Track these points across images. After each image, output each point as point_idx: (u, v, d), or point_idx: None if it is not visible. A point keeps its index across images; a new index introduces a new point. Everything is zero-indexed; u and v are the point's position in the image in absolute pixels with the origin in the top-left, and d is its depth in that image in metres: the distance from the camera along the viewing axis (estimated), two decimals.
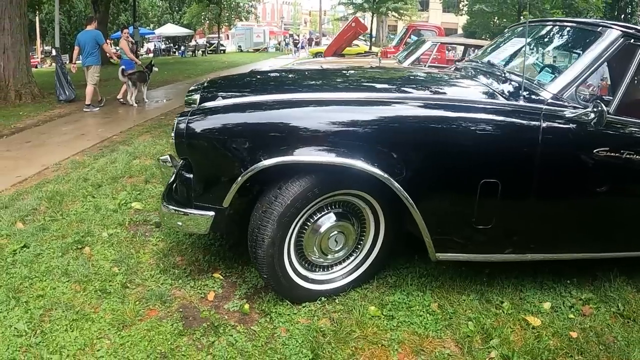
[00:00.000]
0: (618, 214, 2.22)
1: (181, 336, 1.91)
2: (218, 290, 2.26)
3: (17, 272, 2.45)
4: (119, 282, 2.34)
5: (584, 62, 2.14)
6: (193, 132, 1.85)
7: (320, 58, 10.57)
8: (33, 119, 7.35)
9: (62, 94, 8.93)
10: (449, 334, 2.00)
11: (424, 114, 1.96)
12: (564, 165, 2.06)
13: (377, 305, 2.12)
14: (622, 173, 2.11)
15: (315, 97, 1.99)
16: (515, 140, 2.00)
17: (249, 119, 1.89)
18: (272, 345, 1.85)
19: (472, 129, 1.97)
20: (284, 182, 1.81)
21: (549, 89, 2.10)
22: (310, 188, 1.81)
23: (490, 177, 1.94)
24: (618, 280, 2.40)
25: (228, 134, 1.86)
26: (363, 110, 1.92)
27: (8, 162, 4.79)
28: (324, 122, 1.84)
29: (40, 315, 2.08)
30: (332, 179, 1.87)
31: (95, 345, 1.87)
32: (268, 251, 1.87)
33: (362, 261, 2.18)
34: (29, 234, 2.92)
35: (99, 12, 16.82)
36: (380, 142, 1.87)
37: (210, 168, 1.91)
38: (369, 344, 1.89)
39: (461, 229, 2.04)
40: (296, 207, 1.82)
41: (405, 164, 1.88)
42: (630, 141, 2.09)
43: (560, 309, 2.22)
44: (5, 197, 3.66)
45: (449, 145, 1.95)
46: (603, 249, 2.28)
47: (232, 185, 1.80)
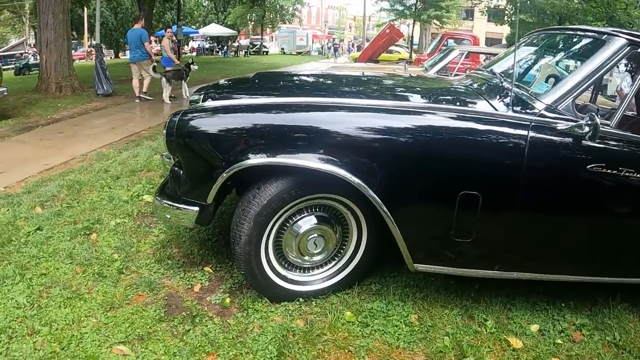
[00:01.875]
0: (614, 237, 2.16)
1: (160, 322, 2.09)
2: (205, 283, 2.44)
3: (27, 251, 2.73)
4: (116, 267, 2.56)
5: (583, 72, 2.08)
6: (181, 131, 2.03)
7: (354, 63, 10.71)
8: (69, 111, 7.90)
9: (100, 88, 9.54)
10: (422, 347, 2.03)
11: (401, 122, 1.99)
12: (553, 180, 2.01)
13: (354, 311, 2.20)
14: (620, 193, 2.04)
15: (297, 102, 2.09)
16: (499, 151, 1.97)
17: (232, 121, 2.03)
18: (243, 339, 1.99)
19: (452, 138, 1.97)
20: (262, 183, 1.95)
21: (542, 100, 2.07)
22: (287, 190, 1.94)
23: (470, 189, 1.95)
24: (619, 308, 2.34)
25: (212, 135, 2.02)
26: (341, 115, 2.00)
27: (39, 151, 5.22)
28: (302, 126, 1.96)
29: (40, 291, 2.32)
30: (310, 183, 1.97)
31: (82, 322, 2.08)
32: (245, 248, 2.02)
33: (344, 266, 2.27)
34: (44, 218, 3.22)
35: (143, 11, 17.73)
36: (356, 148, 1.93)
37: (196, 166, 2.09)
38: (337, 348, 1.96)
39: (439, 241, 2.06)
40: (272, 207, 1.96)
41: (381, 172, 1.92)
42: (631, 159, 2.02)
43: (548, 332, 2.19)
44: (30, 183, 4.02)
45: (427, 153, 1.97)
46: (596, 273, 2.22)
47: (215, 183, 1.97)
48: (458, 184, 1.96)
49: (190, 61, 9.74)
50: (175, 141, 2.04)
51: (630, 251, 2.19)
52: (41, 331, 2.01)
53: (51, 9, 8.61)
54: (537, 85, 2.42)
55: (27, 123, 6.76)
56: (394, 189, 1.96)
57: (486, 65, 3.14)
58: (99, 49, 9.76)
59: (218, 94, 2.36)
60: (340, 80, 3.07)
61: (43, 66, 9.22)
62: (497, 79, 2.52)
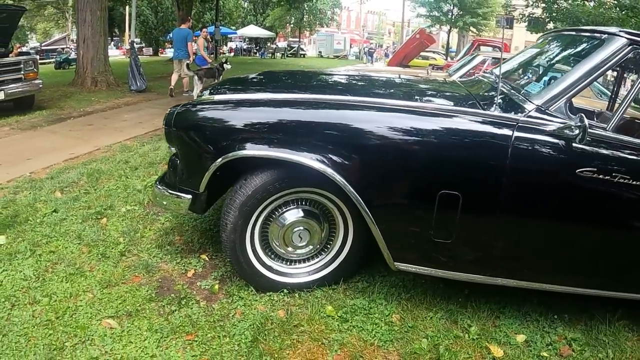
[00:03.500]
0: (606, 248, 2.10)
1: (150, 301, 2.25)
2: (199, 269, 2.59)
3: (41, 230, 2.97)
4: (119, 250, 2.75)
5: (578, 73, 2.04)
6: (178, 122, 2.19)
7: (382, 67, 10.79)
8: (102, 105, 8.35)
9: (134, 84, 10.03)
10: (397, 347, 2.05)
11: (381, 119, 2.01)
12: (539, 182, 1.98)
13: (336, 306, 2.27)
14: (613, 200, 1.99)
15: (283, 98, 2.18)
16: (480, 152, 1.96)
17: (221, 114, 2.17)
18: (223, 323, 2.11)
19: (432, 137, 1.98)
20: (249, 174, 2.08)
21: (533, 101, 2.05)
22: (271, 182, 2.06)
23: (450, 189, 1.96)
24: (617, 325, 2.28)
25: (204, 127, 2.16)
26: (323, 112, 2.09)
27: (67, 141, 5.58)
28: (285, 121, 2.06)
29: (46, 266, 2.54)
30: (293, 176, 2.08)
31: (79, 296, 2.27)
32: (230, 236, 2.15)
33: (330, 262, 2.36)
34: (62, 202, 3.48)
35: (181, 10, 18.36)
36: (336, 144, 1.98)
37: (190, 156, 2.24)
38: (311, 339, 2.03)
39: (419, 241, 2.08)
40: (257, 198, 2.08)
41: (361, 168, 1.98)
42: (628, 165, 1.96)
43: (535, 344, 2.15)
44: (54, 170, 4.33)
45: (406, 152, 1.99)
46: (586, 284, 2.16)
47: (205, 174, 2.11)
48: (437, 183, 1.98)
49: (224, 60, 10.12)
50: (171, 132, 2.21)
51: (623, 264, 2.13)
52: (41, 301, 2.22)
53: (89, 6, 9.16)
54: (530, 86, 2.38)
55: (60, 115, 7.20)
56: (373, 186, 2.02)
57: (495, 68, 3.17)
58: (133, 47, 10.25)
59: (221, 90, 2.52)
60: (333, 79, 3.15)
61: (80, 61, 9.79)
62: (502, 81, 2.49)
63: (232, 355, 1.90)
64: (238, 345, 1.96)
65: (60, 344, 1.93)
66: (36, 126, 6.32)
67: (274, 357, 1.90)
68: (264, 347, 1.95)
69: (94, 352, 1.90)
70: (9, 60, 6.65)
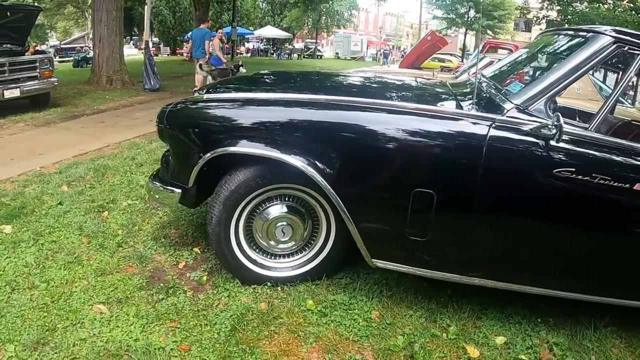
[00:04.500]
0: (584, 249, 2.09)
1: (140, 290, 2.39)
2: (190, 261, 2.72)
3: (46, 221, 3.15)
4: (116, 241, 2.91)
5: (559, 72, 2.03)
6: (170, 120, 2.33)
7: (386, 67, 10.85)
8: (115, 103, 8.61)
9: (147, 83, 10.29)
10: (372, 343, 2.10)
11: (357, 117, 2.08)
12: (514, 182, 1.99)
13: (317, 300, 2.35)
14: (592, 201, 1.97)
15: (266, 97, 2.28)
16: (455, 150, 1.98)
17: (210, 113, 2.29)
18: (206, 312, 2.23)
19: (406, 135, 2.01)
20: (234, 170, 2.20)
21: (512, 100, 2.06)
22: (253, 178, 2.17)
23: (424, 187, 1.99)
24: (604, 330, 2.26)
25: (192, 124, 2.29)
26: (301, 111, 2.16)
27: (79, 137, 5.80)
28: (270, 119, 2.16)
29: (47, 255, 2.70)
30: (274, 173, 2.18)
31: (75, 283, 2.42)
32: (215, 229, 2.27)
33: (313, 258, 2.45)
34: (67, 195, 3.66)
35: (198, 11, 18.67)
36: (313, 142, 2.07)
37: (180, 152, 2.38)
38: (288, 331, 2.12)
39: (394, 238, 2.13)
40: (240, 193, 2.19)
41: (337, 165, 2.04)
42: (609, 165, 1.94)
43: (514, 346, 2.15)
44: (63, 165, 4.53)
45: (381, 149, 2.03)
46: (565, 287, 2.14)
47: (194, 169, 2.24)
48: (412, 181, 2.02)
49: (239, 63, 10.39)
50: (163, 129, 2.35)
51: (602, 267, 2.13)
52: (39, 287, 2.37)
53: (105, 6, 9.47)
54: (512, 86, 2.38)
55: (74, 112, 7.46)
56: (349, 184, 2.08)
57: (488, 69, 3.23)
58: (147, 46, 10.51)
59: (214, 90, 2.65)
60: (319, 80, 3.24)
61: (96, 60, 10.10)
62: (485, 81, 2.55)
63: (211, 343, 2.02)
64: (217, 334, 2.08)
65: (52, 326, 2.08)
66: (50, 123, 6.58)
67: (249, 346, 2.00)
68: (242, 336, 2.06)
69: (83, 334, 2.04)
70: (25, 59, 6.93)
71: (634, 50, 2.02)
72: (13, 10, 6.61)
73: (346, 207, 2.09)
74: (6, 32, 6.71)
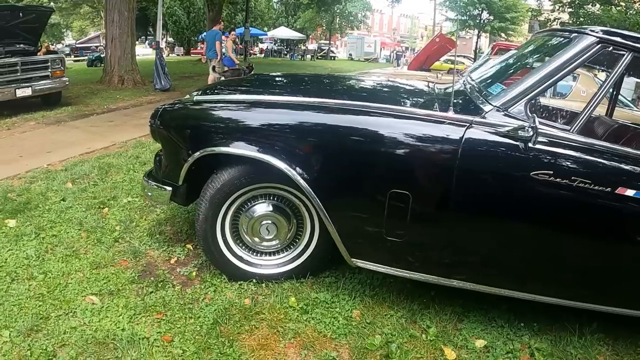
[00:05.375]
0: (564, 254, 2.08)
1: (132, 283, 2.51)
2: (182, 257, 2.84)
3: (48, 216, 3.30)
4: (114, 237, 3.04)
5: (541, 73, 2.03)
6: (162, 120, 2.46)
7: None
8: (125, 102, 8.82)
9: (158, 83, 10.50)
10: (349, 341, 2.15)
11: (335, 118, 2.14)
12: (489, 184, 2.00)
13: (299, 298, 2.43)
14: (572, 204, 1.96)
15: (248, 99, 2.39)
16: (430, 152, 2.01)
17: (199, 114, 2.41)
18: (192, 306, 2.34)
19: (382, 136, 2.06)
20: (220, 169, 2.31)
21: (492, 102, 2.07)
22: (237, 177, 2.28)
23: (400, 188, 2.02)
24: (590, 337, 2.24)
25: (183, 125, 2.42)
26: (282, 112, 2.26)
27: (87, 136, 5.99)
28: (253, 121, 2.26)
29: (47, 248, 2.85)
30: (256, 172, 2.27)
31: (71, 275, 2.56)
32: (202, 226, 2.39)
33: (298, 256, 2.53)
34: (71, 192, 3.82)
35: (212, 12, 18.94)
36: (293, 142, 2.15)
37: (171, 152, 2.50)
38: (268, 327, 2.20)
39: (372, 238, 2.17)
40: (225, 191, 2.30)
41: (316, 166, 2.11)
42: (590, 168, 1.93)
43: (494, 350, 2.15)
44: (69, 163, 4.70)
45: (358, 150, 2.09)
46: (543, 292, 2.13)
47: (183, 168, 2.36)
48: (388, 181, 2.06)
49: (251, 64, 10.66)
50: (155, 128, 2.47)
51: (581, 272, 2.12)
52: (37, 277, 2.52)
53: (117, 7, 9.72)
54: (493, 87, 2.38)
55: (85, 111, 7.68)
56: (328, 183, 2.15)
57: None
58: (158, 47, 10.72)
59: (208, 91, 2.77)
60: (305, 81, 3.33)
61: (108, 60, 10.35)
62: (471, 83, 2.57)
63: (193, 335, 2.12)
64: (200, 327, 2.18)
65: (46, 314, 2.21)
66: (60, 121, 6.79)
67: (229, 340, 2.10)
68: (223, 329, 2.17)
69: (74, 322, 2.16)
70: (37, 59, 7.17)
71: (619, 51, 2.00)
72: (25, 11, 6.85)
73: (325, 207, 2.17)
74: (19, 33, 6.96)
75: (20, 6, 7.88)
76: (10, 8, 6.94)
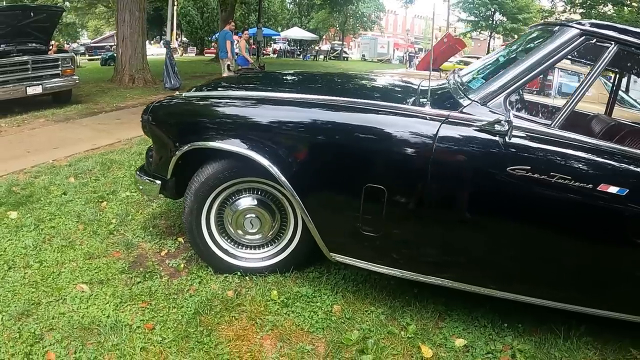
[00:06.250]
0: (544, 252, 2.03)
1: (122, 273, 2.62)
2: (172, 249, 2.94)
3: (48, 209, 3.44)
4: (109, 229, 3.16)
5: (521, 66, 2.00)
6: (152, 116, 2.56)
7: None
8: (135, 101, 9.00)
9: (168, 82, 10.69)
10: (326, 335, 2.17)
11: (312, 113, 2.19)
12: (464, 179, 1.99)
13: (282, 291, 2.48)
14: (551, 201, 1.92)
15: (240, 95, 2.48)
16: (405, 146, 2.01)
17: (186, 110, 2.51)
18: (176, 296, 2.43)
19: (358, 130, 2.09)
20: (205, 164, 2.40)
21: (470, 96, 2.06)
22: (221, 171, 2.36)
23: (375, 182, 2.03)
24: (577, 340, 2.20)
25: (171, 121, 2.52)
26: (263, 108, 2.31)
27: (93, 133, 6.16)
28: (234, 116, 2.34)
29: (45, 238, 2.98)
30: (239, 166, 2.34)
31: (64, 264, 2.68)
32: (187, 218, 2.48)
33: (282, 250, 2.61)
34: (73, 186, 3.96)
35: (224, 12, 19.15)
36: (273, 138, 2.20)
37: (160, 146, 2.60)
38: (247, 318, 2.26)
39: (349, 233, 2.19)
40: (209, 185, 2.39)
41: (294, 160, 2.15)
42: (568, 164, 1.89)
43: (474, 350, 2.14)
44: (74, 159, 4.86)
45: (334, 145, 2.12)
46: (520, 290, 2.10)
47: (171, 162, 2.46)
48: (363, 176, 2.07)
49: (262, 65, 10.89)
50: (146, 124, 2.59)
51: (563, 272, 2.07)
52: (33, 266, 2.64)
53: (128, 7, 9.93)
54: (474, 82, 2.36)
55: (94, 109, 7.87)
56: (305, 177, 2.19)
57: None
58: (168, 46, 10.92)
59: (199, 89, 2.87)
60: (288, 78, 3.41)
61: (119, 59, 10.57)
62: (454, 79, 2.57)
63: (174, 324, 2.21)
64: (181, 316, 2.27)
65: (38, 300, 2.33)
66: (69, 119, 6.98)
67: (207, 329, 2.18)
68: (203, 319, 2.25)
69: (63, 309, 2.28)
70: (47, 57, 7.39)
71: (603, 43, 1.95)
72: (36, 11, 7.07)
73: (303, 202, 2.22)
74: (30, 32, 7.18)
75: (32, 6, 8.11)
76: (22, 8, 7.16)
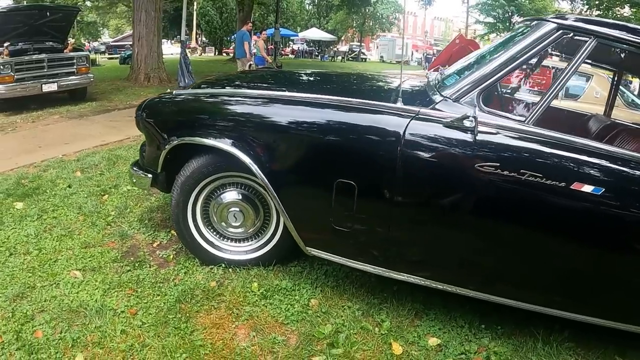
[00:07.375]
0: (512, 252, 2.02)
1: (114, 262, 2.78)
2: (164, 241, 3.09)
3: (52, 200, 3.64)
4: (107, 220, 3.33)
5: (495, 62, 1.99)
6: (145, 112, 2.71)
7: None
8: None
9: (182, 80, 10.87)
10: (299, 328, 2.23)
11: (287, 110, 2.27)
12: (433, 176, 1.99)
13: (262, 284, 2.58)
14: (521, 199, 1.88)
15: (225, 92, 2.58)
16: (373, 142, 2.03)
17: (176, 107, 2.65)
18: (162, 285, 2.57)
19: (329, 127, 2.14)
20: (192, 158, 2.52)
21: (443, 92, 2.06)
22: (205, 165, 2.48)
23: (345, 178, 2.06)
24: (559, 346, 2.16)
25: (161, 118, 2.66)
26: (245, 105, 2.42)
27: (104, 129, 6.38)
28: (217, 113, 2.46)
29: (46, 228, 3.16)
30: (222, 161, 2.45)
31: (61, 252, 2.85)
32: (174, 211, 2.62)
33: (265, 244, 2.71)
34: (78, 180, 4.16)
35: (242, 12, 19.41)
36: (251, 134, 2.30)
37: (152, 141, 2.74)
38: (225, 308, 2.35)
39: (323, 228, 2.24)
40: (194, 178, 2.51)
41: (269, 155, 2.23)
42: (540, 161, 1.85)
43: (446, 349, 2.14)
44: (83, 154, 5.08)
45: (306, 141, 2.19)
46: (490, 290, 2.08)
47: (161, 157, 2.60)
48: (335, 172, 2.11)
49: (280, 65, 11.10)
50: (139, 120, 2.74)
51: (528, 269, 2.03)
52: (32, 253, 2.82)
53: (144, 7, 10.20)
54: (449, 79, 2.34)
55: (107, 106, 8.14)
56: (281, 172, 2.27)
57: None
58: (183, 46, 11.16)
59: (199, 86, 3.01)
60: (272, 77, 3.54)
61: (135, 58, 10.86)
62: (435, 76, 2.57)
63: (156, 311, 2.34)
64: (163, 304, 2.39)
65: (33, 284, 2.50)
66: (83, 116, 7.25)
67: (185, 317, 2.30)
68: (183, 307, 2.37)
69: (55, 293, 2.44)
70: (63, 56, 7.67)
71: (581, 37, 1.92)
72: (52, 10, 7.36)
73: (279, 196, 2.31)
74: (47, 31, 7.47)
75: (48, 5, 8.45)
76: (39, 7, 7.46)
